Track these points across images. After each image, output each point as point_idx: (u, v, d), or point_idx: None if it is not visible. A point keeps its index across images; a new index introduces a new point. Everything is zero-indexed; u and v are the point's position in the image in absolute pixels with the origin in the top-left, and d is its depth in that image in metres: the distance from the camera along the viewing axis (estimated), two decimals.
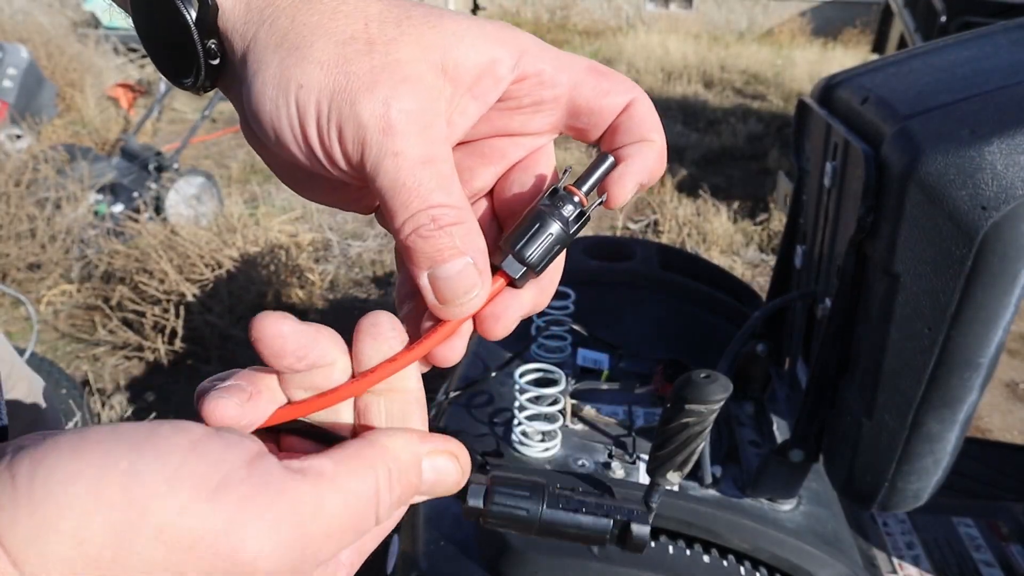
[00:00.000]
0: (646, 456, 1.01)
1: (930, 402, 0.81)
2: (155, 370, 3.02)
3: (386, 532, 0.33)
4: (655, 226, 4.59)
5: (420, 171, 0.30)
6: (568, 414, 1.14)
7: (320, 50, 0.30)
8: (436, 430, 0.43)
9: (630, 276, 1.48)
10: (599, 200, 0.34)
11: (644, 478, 1.02)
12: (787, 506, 1.01)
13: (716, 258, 4.10)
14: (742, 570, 0.85)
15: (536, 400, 1.07)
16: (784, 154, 5.93)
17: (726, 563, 0.85)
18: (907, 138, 0.75)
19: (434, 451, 0.31)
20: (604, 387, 1.24)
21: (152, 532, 0.23)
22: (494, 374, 1.22)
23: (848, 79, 0.99)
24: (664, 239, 4.35)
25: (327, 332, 0.32)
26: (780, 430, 1.17)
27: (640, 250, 1.57)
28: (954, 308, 0.75)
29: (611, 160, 0.34)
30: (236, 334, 3.13)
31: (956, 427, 0.83)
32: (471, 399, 1.20)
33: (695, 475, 1.03)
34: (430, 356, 0.33)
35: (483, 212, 0.37)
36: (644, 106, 0.35)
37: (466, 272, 0.31)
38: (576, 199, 0.33)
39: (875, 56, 5.32)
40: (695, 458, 0.80)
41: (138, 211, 3.84)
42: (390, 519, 0.32)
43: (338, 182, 0.34)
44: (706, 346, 1.35)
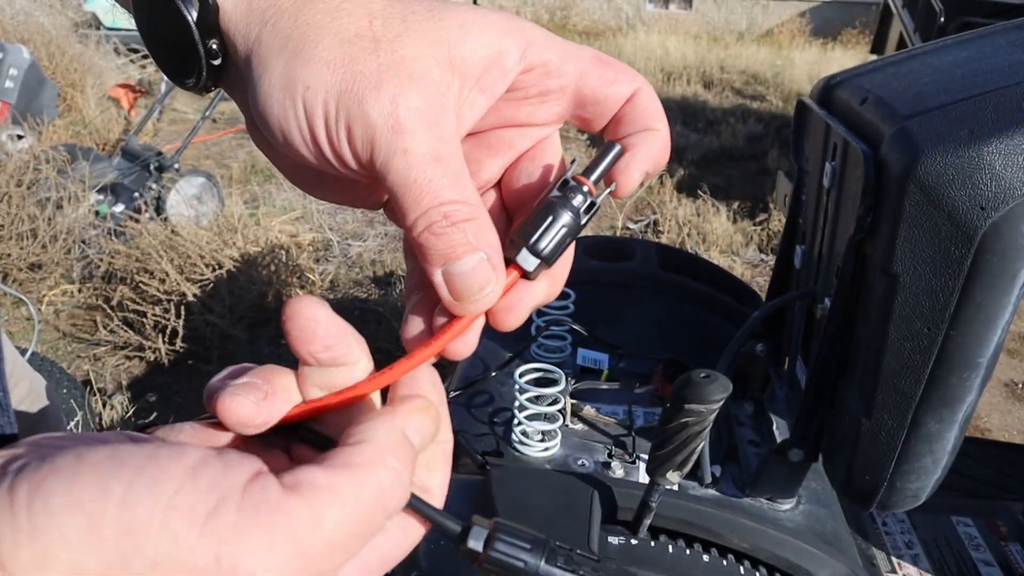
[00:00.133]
0: (646, 456, 1.01)
1: (929, 402, 0.81)
2: (156, 370, 3.02)
3: (397, 559, 0.32)
4: (655, 226, 4.59)
5: (430, 168, 0.30)
6: (568, 414, 1.14)
7: (325, 50, 0.30)
8: None
9: (630, 276, 1.48)
10: (608, 190, 0.34)
11: (644, 477, 1.03)
12: (786, 505, 1.01)
13: (716, 258, 4.10)
14: (741, 569, 0.85)
15: (536, 400, 1.07)
16: (783, 154, 5.93)
17: (725, 562, 0.85)
18: (906, 138, 0.76)
19: (408, 418, 0.30)
20: (604, 387, 1.24)
21: (147, 565, 0.22)
22: (494, 374, 1.22)
23: (847, 79, 0.99)
24: (664, 239, 4.35)
25: (356, 334, 0.31)
26: (779, 430, 1.17)
27: (640, 250, 1.57)
28: (953, 308, 0.75)
29: (618, 148, 0.34)
30: (237, 334, 3.13)
31: (955, 427, 0.83)
32: (471, 399, 1.20)
33: (695, 475, 1.03)
34: (444, 351, 0.33)
35: (492, 204, 0.37)
36: (648, 95, 0.35)
37: (480, 268, 0.31)
38: (585, 189, 0.34)
39: (874, 56, 5.32)
40: (695, 458, 0.80)
41: (139, 211, 3.84)
42: (402, 538, 0.31)
43: (346, 180, 0.34)
44: (706, 346, 1.35)
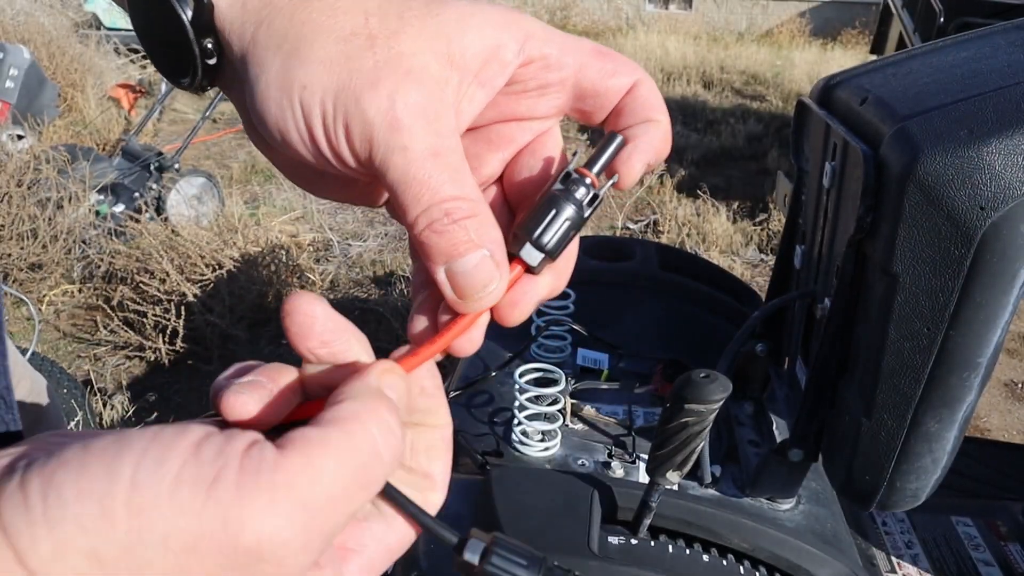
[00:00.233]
0: (646, 455, 1.01)
1: (929, 401, 0.81)
2: (156, 370, 3.03)
3: (402, 550, 0.32)
4: (655, 226, 4.59)
5: (429, 164, 0.30)
6: (568, 414, 1.14)
7: (321, 49, 0.30)
8: None
9: (630, 276, 1.48)
10: (610, 181, 0.34)
11: (644, 477, 1.03)
12: (786, 505, 1.01)
13: (716, 258, 4.10)
14: (741, 569, 0.85)
15: (536, 400, 1.07)
16: (783, 154, 5.93)
17: (725, 562, 0.85)
18: (906, 138, 0.76)
19: (382, 377, 0.29)
20: (604, 387, 1.24)
21: (159, 541, 0.23)
22: (494, 374, 1.22)
23: (847, 80, 0.99)
24: (664, 239, 4.35)
25: (357, 331, 0.31)
26: (779, 430, 1.17)
27: (640, 250, 1.57)
28: (953, 308, 0.76)
29: (620, 139, 0.34)
30: (237, 334, 3.13)
31: (955, 426, 0.83)
32: (471, 399, 1.20)
33: (694, 474, 1.03)
34: (448, 348, 0.33)
35: (494, 198, 0.37)
36: (648, 87, 0.35)
37: (483, 265, 0.31)
38: (588, 181, 0.33)
39: (874, 57, 5.32)
40: (695, 458, 0.80)
41: (139, 211, 3.85)
42: (406, 529, 0.31)
43: (346, 178, 0.34)
44: (706, 346, 1.35)
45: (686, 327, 1.41)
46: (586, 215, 0.33)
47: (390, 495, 0.31)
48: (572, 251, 0.35)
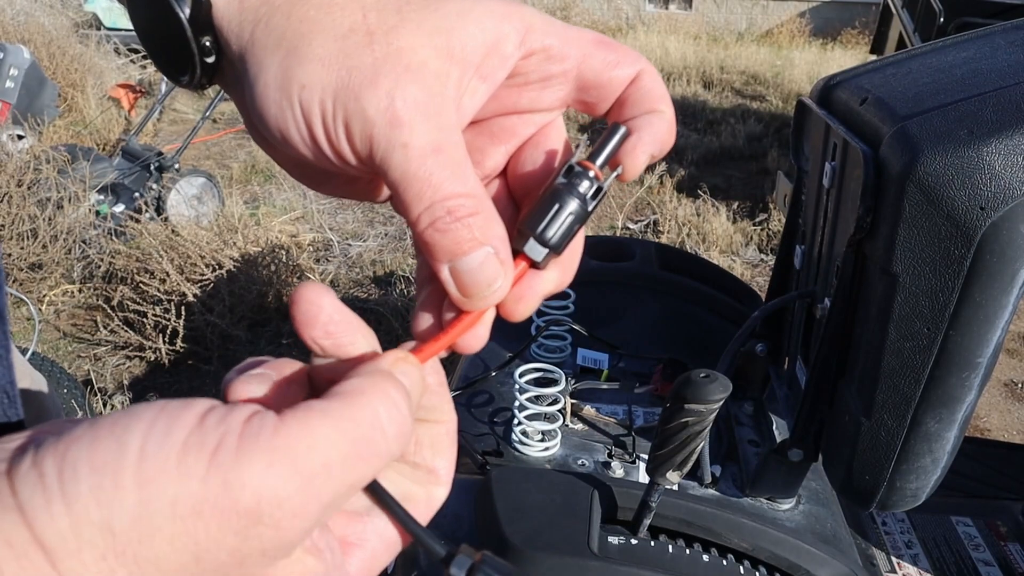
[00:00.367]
0: (646, 455, 1.01)
1: (928, 401, 0.81)
2: (156, 370, 3.03)
3: (398, 549, 0.32)
4: (655, 226, 4.59)
5: (431, 161, 0.30)
6: (568, 414, 1.14)
7: (319, 46, 0.30)
8: None
9: (630, 276, 1.48)
10: (614, 173, 0.34)
11: (644, 477, 1.03)
12: (786, 505, 1.01)
13: (716, 258, 4.10)
14: (741, 569, 0.85)
15: (536, 400, 1.07)
16: (783, 154, 5.93)
17: (725, 562, 0.85)
18: (905, 138, 0.76)
19: (395, 364, 0.30)
20: (604, 387, 1.24)
21: (167, 508, 0.23)
22: (494, 374, 1.22)
23: (847, 80, 0.99)
24: (664, 239, 4.35)
25: (363, 324, 0.31)
26: (779, 429, 1.18)
27: (640, 250, 1.57)
28: (953, 308, 0.76)
29: (623, 130, 0.34)
30: (237, 334, 3.13)
31: (955, 426, 0.83)
32: (471, 399, 1.20)
33: (694, 474, 1.03)
34: (453, 345, 0.33)
35: (497, 192, 0.37)
36: (652, 77, 0.35)
37: (488, 263, 0.31)
38: (592, 174, 0.33)
39: (874, 57, 5.33)
40: (694, 457, 0.80)
41: (139, 211, 3.85)
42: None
43: (349, 175, 0.34)
44: (706, 346, 1.35)
45: (686, 327, 1.41)
46: (590, 208, 0.33)
47: (383, 501, 0.31)
48: (577, 245, 0.35)
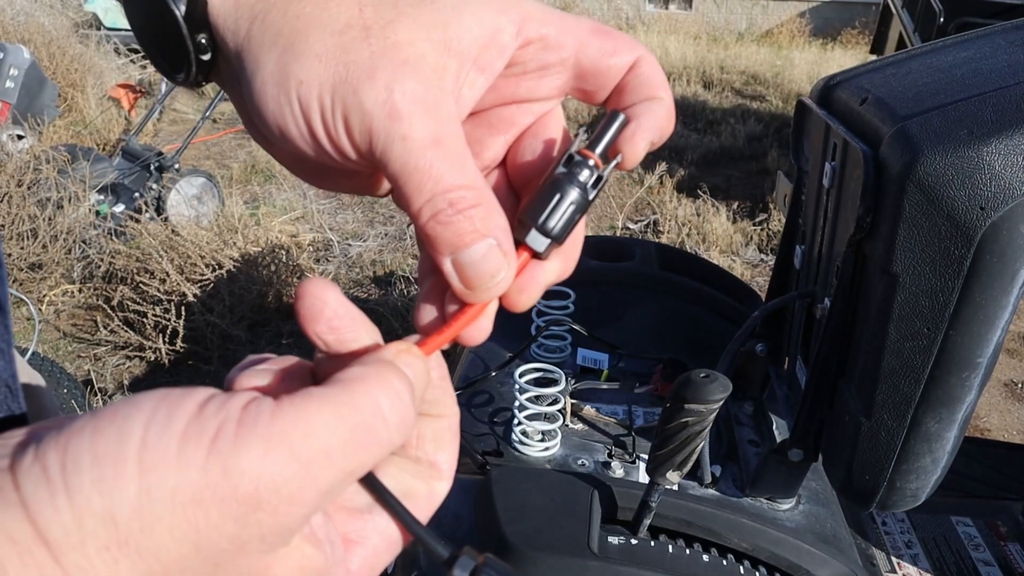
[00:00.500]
0: (646, 455, 1.01)
1: (928, 401, 0.81)
2: (156, 370, 3.03)
3: (400, 547, 0.32)
4: (655, 226, 4.59)
5: (431, 153, 0.30)
6: (568, 414, 1.14)
7: (316, 42, 0.30)
8: None
9: (630, 276, 1.48)
10: (614, 162, 0.34)
11: (644, 477, 1.03)
12: (786, 505, 1.01)
13: (716, 258, 4.10)
14: (741, 569, 0.85)
15: (536, 400, 1.07)
16: (783, 154, 5.93)
17: (725, 562, 0.85)
18: (905, 138, 0.76)
19: (398, 356, 0.29)
20: (604, 387, 1.24)
21: (168, 496, 0.23)
22: (494, 374, 1.22)
23: (847, 80, 0.99)
24: (664, 239, 4.36)
25: (367, 320, 0.31)
26: (779, 429, 1.18)
27: (640, 250, 1.57)
28: (953, 308, 0.76)
29: (622, 118, 0.33)
30: (237, 334, 3.13)
31: (955, 426, 0.83)
32: (471, 399, 1.20)
33: (694, 474, 1.03)
34: (457, 337, 0.33)
35: (497, 183, 0.37)
36: (650, 64, 0.35)
37: (490, 255, 0.31)
38: (591, 162, 0.33)
39: (874, 57, 5.33)
40: (694, 457, 0.80)
41: (139, 211, 3.85)
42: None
43: (350, 170, 0.33)
44: (706, 346, 1.35)
45: (686, 327, 1.41)
46: (591, 197, 0.33)
47: (386, 502, 0.30)
48: (579, 234, 0.35)
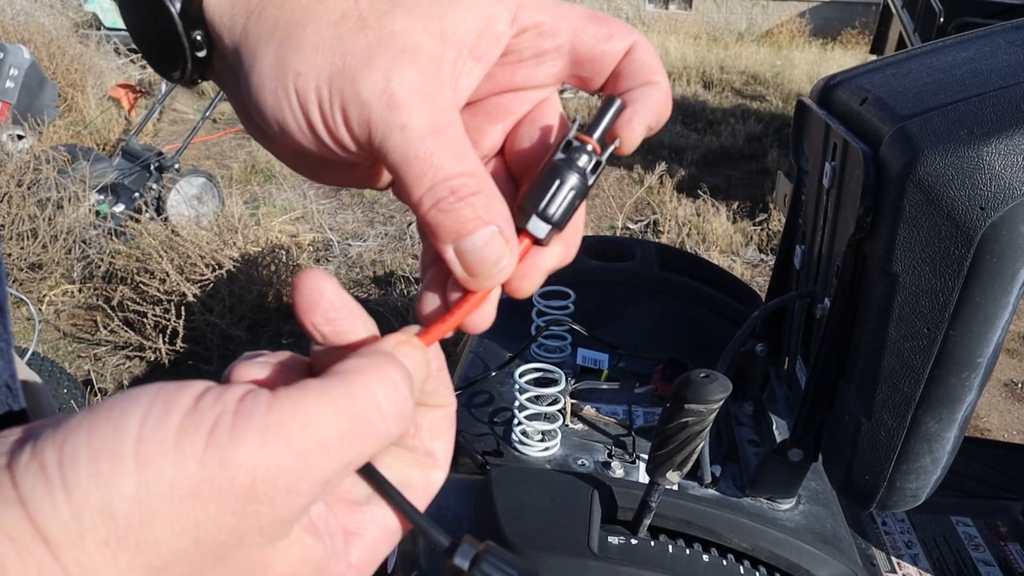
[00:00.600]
0: (646, 455, 1.01)
1: (928, 401, 0.81)
2: (156, 370, 3.03)
3: (399, 538, 0.32)
4: (655, 226, 4.59)
5: (430, 141, 0.30)
6: (568, 414, 1.14)
7: (313, 34, 0.30)
8: None
9: (630, 276, 1.48)
10: (612, 147, 0.34)
11: (644, 477, 1.03)
12: (786, 505, 1.01)
13: (716, 258, 4.10)
14: (741, 569, 0.85)
15: (536, 400, 1.07)
16: (783, 154, 5.93)
17: (725, 562, 0.85)
18: (906, 138, 0.76)
19: (397, 347, 0.29)
20: (604, 387, 1.24)
21: (166, 490, 0.23)
22: (494, 374, 1.22)
23: (847, 80, 0.99)
24: (664, 239, 4.36)
25: (364, 312, 0.31)
26: (779, 429, 1.18)
27: (640, 250, 1.57)
28: (953, 308, 0.76)
29: (619, 103, 0.34)
30: (237, 334, 3.13)
31: (955, 426, 0.83)
32: (471, 399, 1.20)
33: (694, 474, 1.03)
34: (461, 325, 0.33)
35: (496, 170, 0.37)
36: (645, 49, 0.35)
37: (493, 242, 0.31)
38: (590, 148, 0.33)
39: (874, 57, 5.33)
40: (694, 458, 0.80)
41: (139, 211, 3.85)
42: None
43: (348, 163, 0.33)
44: (706, 346, 1.35)
45: (686, 327, 1.41)
46: (590, 182, 0.33)
47: (386, 493, 0.31)
48: (579, 220, 0.35)
